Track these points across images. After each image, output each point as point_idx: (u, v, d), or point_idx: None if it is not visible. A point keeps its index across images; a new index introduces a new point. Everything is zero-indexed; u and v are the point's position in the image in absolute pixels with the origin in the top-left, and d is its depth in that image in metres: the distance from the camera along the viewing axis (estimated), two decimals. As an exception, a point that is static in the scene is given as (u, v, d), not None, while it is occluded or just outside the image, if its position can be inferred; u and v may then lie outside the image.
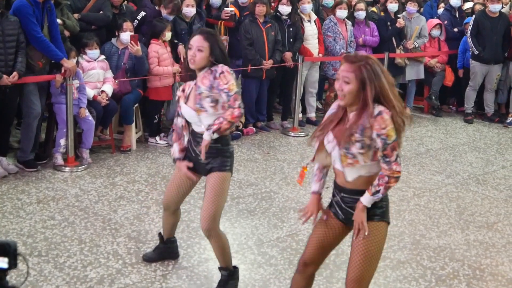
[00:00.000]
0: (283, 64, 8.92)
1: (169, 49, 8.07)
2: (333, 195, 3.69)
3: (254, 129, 9.02)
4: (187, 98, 4.30)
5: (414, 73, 10.44)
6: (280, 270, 4.86)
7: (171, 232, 4.91)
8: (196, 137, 4.33)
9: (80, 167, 7.03)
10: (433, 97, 10.68)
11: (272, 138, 8.80)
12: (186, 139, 4.40)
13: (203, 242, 5.27)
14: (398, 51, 10.13)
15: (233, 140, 8.33)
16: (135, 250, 5.05)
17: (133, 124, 7.89)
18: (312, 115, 9.71)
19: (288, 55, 8.91)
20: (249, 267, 4.89)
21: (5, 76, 6.31)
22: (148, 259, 4.89)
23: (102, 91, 7.43)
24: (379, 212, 3.52)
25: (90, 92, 7.30)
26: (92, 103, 7.32)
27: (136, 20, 7.95)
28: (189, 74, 4.36)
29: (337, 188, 3.62)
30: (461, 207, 6.50)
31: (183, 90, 4.36)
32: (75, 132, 7.24)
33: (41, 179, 6.66)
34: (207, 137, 4.17)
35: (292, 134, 8.99)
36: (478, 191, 7.05)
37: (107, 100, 7.41)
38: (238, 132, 8.67)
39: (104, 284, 4.49)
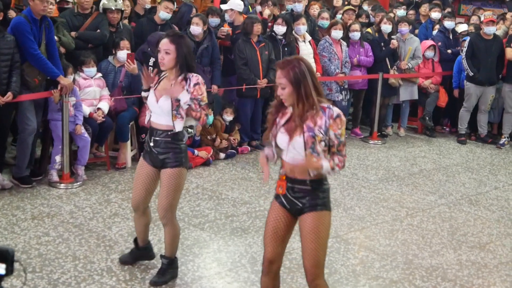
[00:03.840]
0: (278, 83, 8.96)
1: None
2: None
3: (249, 148, 9.07)
4: (157, 84, 4.67)
5: (408, 93, 10.53)
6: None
7: (145, 236, 5.08)
8: (153, 131, 4.66)
9: (75, 184, 7.05)
10: (427, 118, 10.75)
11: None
12: (147, 118, 4.75)
13: (197, 260, 5.30)
14: (392, 71, 10.21)
15: (227, 158, 8.45)
16: (129, 267, 5.06)
17: (129, 142, 7.92)
18: (306, 134, 9.73)
19: (283, 74, 8.95)
20: (242, 285, 4.91)
21: None
22: (124, 262, 5.10)
23: (98, 109, 7.48)
24: (321, 202, 3.83)
25: (86, 109, 7.35)
26: (88, 120, 7.36)
27: (150, 67, 7.92)
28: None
29: (286, 179, 3.87)
30: (453, 227, 6.54)
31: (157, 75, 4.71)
32: (71, 149, 7.27)
33: (36, 195, 6.68)
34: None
35: (286, 153, 9.01)
36: (470, 212, 7.10)
37: (103, 117, 7.45)
38: (233, 151, 8.71)
39: (98, 300, 4.51)
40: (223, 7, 9.54)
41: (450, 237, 6.27)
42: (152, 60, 7.97)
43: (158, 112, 4.63)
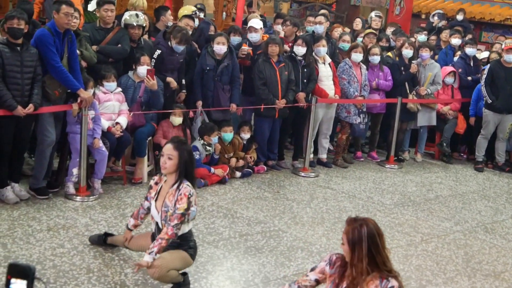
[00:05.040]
0: (296, 104, 9.00)
1: (175, 130, 8.15)
2: None
3: (265, 168, 9.07)
4: (157, 194, 4.91)
5: (426, 119, 10.50)
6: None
7: None
8: (160, 232, 4.77)
9: (91, 197, 7.09)
10: (444, 144, 10.72)
11: (283, 177, 8.84)
12: (153, 227, 4.99)
13: (210, 277, 5.29)
14: (410, 96, 10.20)
15: (243, 177, 8.45)
16: (143, 282, 5.08)
17: (146, 157, 7.96)
18: (323, 156, 9.76)
19: (301, 95, 9.00)
20: (255, 304, 4.91)
21: (19, 107, 6.39)
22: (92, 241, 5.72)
23: (117, 123, 7.52)
24: None
25: (105, 123, 7.39)
26: (106, 134, 7.40)
27: (153, 59, 8.04)
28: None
29: None
30: (468, 255, 6.50)
31: (157, 183, 4.99)
32: (88, 162, 7.31)
33: (52, 207, 6.72)
34: (148, 259, 4.60)
35: (302, 174, 9.03)
36: (486, 240, 7.05)
37: (121, 132, 7.49)
38: (249, 170, 8.72)
39: (110, 314, 4.51)
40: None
41: (464, 264, 6.23)
42: (157, 52, 8.06)
43: (160, 221, 4.86)
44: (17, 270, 1.76)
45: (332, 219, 7.17)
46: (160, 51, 8.14)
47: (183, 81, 8.51)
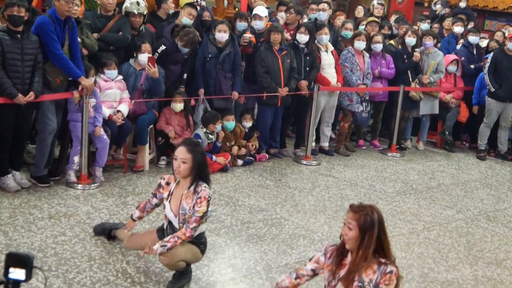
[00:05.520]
0: (298, 92, 8.97)
1: (178, 117, 8.15)
2: None
3: (267, 156, 9.06)
4: (170, 195, 4.80)
5: (428, 107, 10.47)
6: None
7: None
8: (173, 228, 4.78)
9: (93, 185, 7.08)
10: (447, 132, 10.70)
11: (284, 165, 8.82)
12: (165, 224, 4.92)
13: (212, 265, 5.29)
14: (413, 84, 10.17)
15: (245, 165, 8.44)
16: (144, 270, 5.07)
17: (147, 145, 7.94)
18: (325, 144, 9.74)
19: (304, 83, 8.96)
20: (256, 292, 4.90)
21: (20, 95, 6.37)
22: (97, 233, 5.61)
23: (118, 111, 7.50)
24: None
25: (106, 111, 7.37)
26: (108, 122, 7.38)
27: (156, 53, 7.98)
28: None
29: None
30: (470, 243, 6.48)
31: (168, 183, 4.87)
32: (89, 150, 7.29)
33: (53, 195, 6.71)
34: (157, 249, 4.61)
35: (304, 162, 9.01)
36: (488, 228, 7.03)
37: (122, 120, 7.47)
38: (251, 158, 8.70)
39: (111, 301, 4.51)
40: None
41: (466, 252, 6.21)
42: (161, 48, 8.01)
43: (176, 222, 4.80)
44: (15, 259, 1.75)
45: (334, 207, 7.15)
46: (165, 47, 8.07)
47: (185, 76, 8.44)
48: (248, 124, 8.73)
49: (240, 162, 8.55)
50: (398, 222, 6.88)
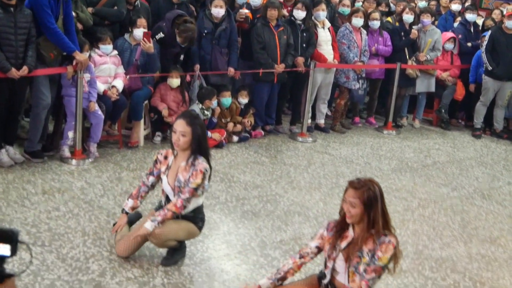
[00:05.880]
0: (294, 69, 8.92)
1: (173, 93, 8.07)
2: None
3: (263, 132, 9.03)
4: (168, 169, 4.73)
5: (425, 85, 10.43)
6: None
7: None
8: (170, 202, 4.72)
9: (87, 160, 7.04)
10: (443, 110, 10.68)
11: (280, 142, 8.80)
12: (163, 200, 4.84)
13: (206, 241, 5.27)
14: (410, 62, 10.12)
15: (240, 142, 8.41)
16: (138, 245, 5.05)
17: (142, 121, 7.90)
18: (321, 121, 9.72)
19: (300, 60, 8.91)
20: (251, 268, 4.89)
21: (13, 70, 6.30)
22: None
23: (113, 86, 7.45)
24: None
25: (101, 87, 7.32)
26: (102, 98, 7.33)
27: (155, 38, 7.90)
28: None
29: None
30: (465, 221, 6.49)
31: (166, 157, 4.79)
32: (84, 125, 7.25)
33: (47, 170, 6.67)
34: (149, 227, 4.56)
35: (300, 139, 8.99)
36: (483, 206, 7.04)
37: (117, 95, 7.42)
38: (247, 135, 8.67)
39: (105, 276, 4.49)
40: None
41: (461, 229, 6.22)
42: (160, 34, 7.93)
43: (173, 196, 4.73)
44: (0, 235, 1.72)
45: (329, 184, 7.14)
46: (164, 35, 7.98)
47: (181, 57, 8.36)
48: (244, 100, 8.69)
49: (235, 138, 8.52)
50: (393, 199, 6.88)
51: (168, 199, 4.78)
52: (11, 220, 5.29)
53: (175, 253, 4.81)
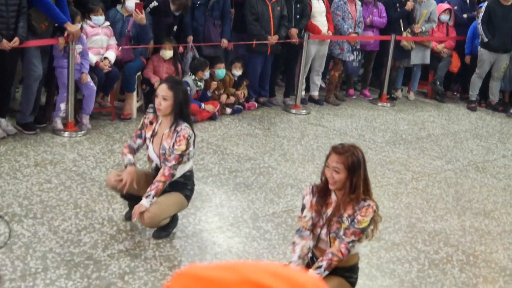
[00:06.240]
0: (288, 40, 8.85)
1: (166, 65, 7.98)
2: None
3: (256, 104, 8.99)
4: (153, 136, 4.71)
5: (420, 57, 10.38)
6: (274, 245, 4.84)
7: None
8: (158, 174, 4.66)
9: (79, 132, 7.00)
10: (438, 83, 10.64)
11: (273, 114, 8.77)
12: (152, 166, 4.82)
13: (198, 213, 5.26)
14: (404, 34, 10.05)
15: (234, 114, 8.37)
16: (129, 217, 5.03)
17: (135, 93, 7.85)
18: (315, 93, 9.67)
19: (294, 31, 8.84)
20: (243, 240, 4.88)
21: (5, 41, 6.23)
22: (128, 218, 4.94)
23: (105, 58, 7.38)
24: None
25: (93, 58, 7.25)
26: (94, 69, 7.27)
27: (148, 8, 7.80)
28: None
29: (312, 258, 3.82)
30: (459, 193, 6.48)
31: (151, 123, 4.76)
32: (76, 97, 7.19)
33: (39, 142, 6.63)
34: (146, 204, 4.48)
35: (293, 111, 8.95)
36: (477, 179, 7.03)
37: (109, 67, 7.36)
38: (240, 107, 8.63)
39: (97, 249, 4.48)
40: None
41: (454, 202, 6.21)
42: (154, 2, 7.83)
43: (159, 162, 4.70)
44: None
45: (323, 157, 7.04)
46: (157, 3, 7.87)
47: (174, 28, 8.27)
48: (237, 72, 8.63)
49: (228, 110, 8.47)
50: (386, 172, 6.87)
51: (157, 167, 4.74)
52: (3, 192, 5.26)
53: (168, 225, 4.79)
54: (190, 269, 0.89)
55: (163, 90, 4.58)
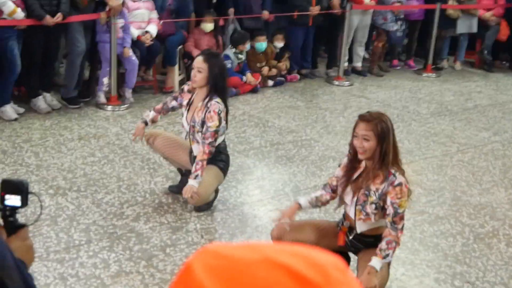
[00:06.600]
0: (330, 11, 8.74)
1: (207, 38, 7.95)
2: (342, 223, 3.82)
3: (298, 76, 8.92)
4: (189, 104, 4.74)
5: (466, 26, 10.14)
6: (315, 218, 4.81)
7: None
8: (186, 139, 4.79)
9: (122, 106, 7.06)
10: (485, 52, 10.40)
11: (316, 86, 8.69)
12: (183, 136, 4.85)
13: (240, 186, 5.26)
14: (450, 2, 9.83)
15: (276, 86, 8.32)
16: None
17: (177, 66, 7.86)
18: (358, 64, 9.55)
19: (336, 1, 8.72)
20: (284, 214, 4.86)
21: (48, 17, 6.29)
22: (172, 190, 5.01)
23: (147, 32, 7.39)
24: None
25: (135, 32, 7.27)
26: (136, 43, 7.30)
27: None
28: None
29: (346, 225, 3.79)
30: (506, 166, 6.34)
31: (189, 91, 4.79)
32: (119, 71, 7.24)
33: (83, 116, 6.71)
34: (195, 183, 4.50)
35: (336, 83, 8.86)
36: (524, 150, 6.88)
37: (151, 40, 7.37)
38: (282, 79, 8.57)
39: (139, 221, 4.52)
40: None
41: (501, 175, 6.08)
42: None
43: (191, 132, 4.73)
44: (10, 186, 1.75)
45: (366, 129, 7.03)
46: None
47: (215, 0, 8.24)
48: (279, 44, 8.56)
49: (270, 82, 8.43)
50: (431, 144, 6.76)
51: (186, 136, 4.77)
52: (48, 166, 5.35)
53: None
54: (211, 247, 0.89)
55: (198, 62, 4.59)
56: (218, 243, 0.88)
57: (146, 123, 4.92)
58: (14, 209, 1.73)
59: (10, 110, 6.42)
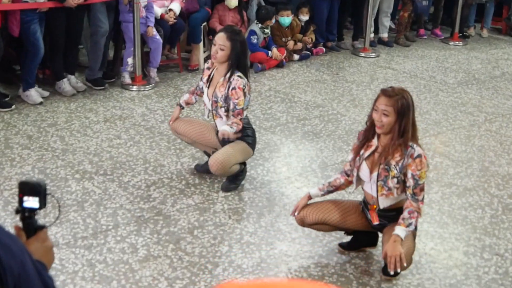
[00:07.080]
0: (355, -18, 8.64)
1: (232, 14, 7.89)
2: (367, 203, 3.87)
3: (324, 49, 8.84)
4: (209, 81, 4.75)
5: (493, -9, 9.96)
6: (343, 193, 4.78)
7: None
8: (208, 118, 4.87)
9: (148, 86, 7.06)
10: (513, 18, 10.22)
11: (342, 59, 8.62)
12: (206, 113, 4.89)
13: (267, 164, 5.26)
14: (477, -32, 9.65)
15: (301, 60, 8.27)
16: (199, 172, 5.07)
17: (201, 43, 7.83)
18: (384, 35, 9.44)
19: (360, -28, 8.61)
20: (311, 191, 4.85)
21: None
22: (198, 170, 5.05)
23: (170, 10, 7.36)
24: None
25: (158, 11, 7.25)
26: (160, 22, 7.27)
27: None
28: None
29: (367, 205, 3.85)
30: (535, 134, 6.26)
31: (208, 68, 4.83)
32: (143, 51, 7.23)
33: (108, 97, 6.73)
34: (228, 129, 4.55)
35: (362, 54, 8.78)
36: (555, 117, 6.77)
37: (174, 18, 7.34)
38: (307, 52, 8.51)
39: (166, 204, 4.54)
40: None
41: (531, 144, 6.00)
42: None
43: (213, 109, 4.76)
44: (28, 188, 1.75)
45: (393, 101, 6.96)
46: None
47: None
48: (304, 17, 8.47)
49: (296, 57, 8.37)
50: (458, 114, 6.68)
51: (209, 111, 4.79)
52: (74, 149, 5.38)
53: (235, 178, 4.81)
54: (229, 284, 0.91)
55: (221, 39, 4.58)
56: (234, 280, 0.88)
57: (181, 107, 5.00)
58: (32, 210, 1.74)
59: (35, 94, 6.45)
